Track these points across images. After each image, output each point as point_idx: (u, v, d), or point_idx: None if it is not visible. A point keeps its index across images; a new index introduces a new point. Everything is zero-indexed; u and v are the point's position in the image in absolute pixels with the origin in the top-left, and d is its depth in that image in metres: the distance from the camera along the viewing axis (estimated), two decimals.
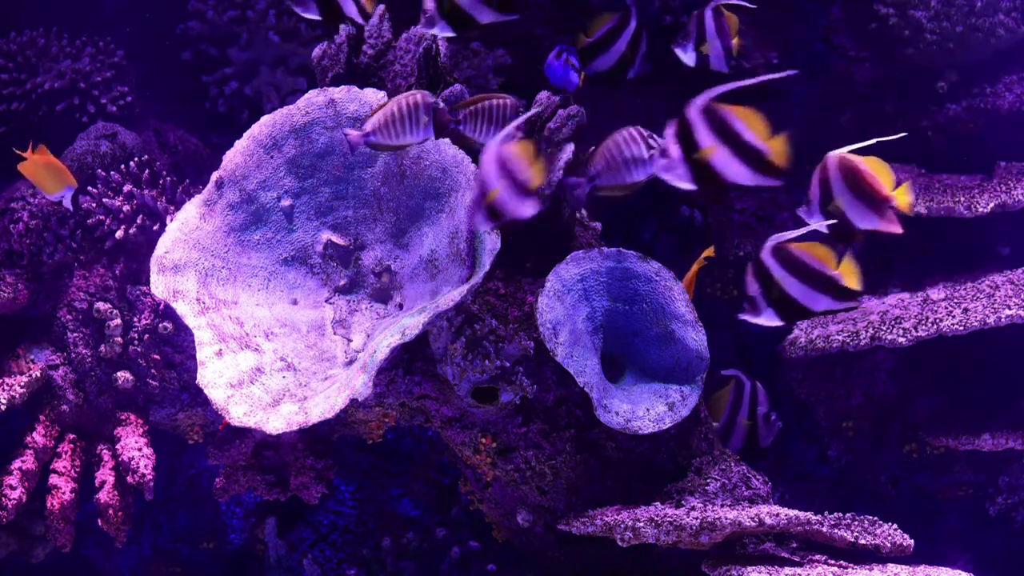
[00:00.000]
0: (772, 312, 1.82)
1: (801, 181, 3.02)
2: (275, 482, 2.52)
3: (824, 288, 1.80)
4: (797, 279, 1.80)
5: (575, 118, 2.31)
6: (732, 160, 1.72)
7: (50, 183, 2.34)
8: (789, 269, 1.80)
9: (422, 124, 1.98)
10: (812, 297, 1.80)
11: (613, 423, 2.23)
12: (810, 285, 1.80)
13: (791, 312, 1.82)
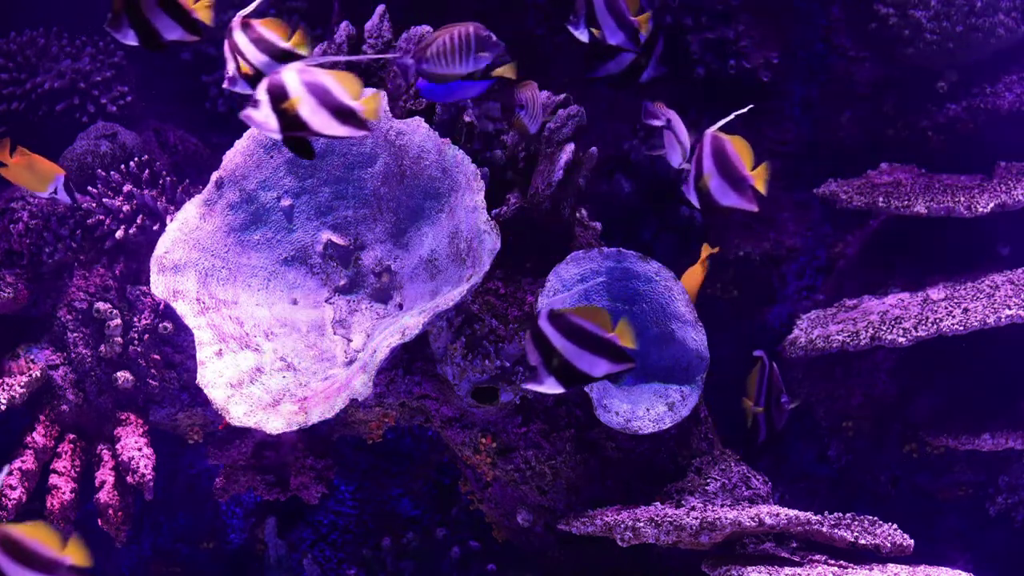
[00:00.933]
0: (553, 380, 1.83)
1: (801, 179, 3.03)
2: (275, 482, 2.52)
3: (602, 352, 1.83)
4: (575, 345, 1.82)
5: (575, 118, 2.31)
6: None
7: (37, 181, 2.33)
8: (567, 336, 1.82)
9: (473, 55, 2.00)
10: (591, 362, 1.83)
11: (613, 423, 2.23)
12: (588, 350, 1.83)
13: (572, 378, 1.84)
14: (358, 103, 1.78)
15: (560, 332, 1.83)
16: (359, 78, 1.81)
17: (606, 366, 1.85)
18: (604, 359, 1.84)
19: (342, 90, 1.78)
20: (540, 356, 1.83)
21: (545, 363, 1.83)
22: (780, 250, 2.98)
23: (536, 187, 2.29)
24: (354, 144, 2.35)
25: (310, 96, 1.76)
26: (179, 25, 1.91)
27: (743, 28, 2.89)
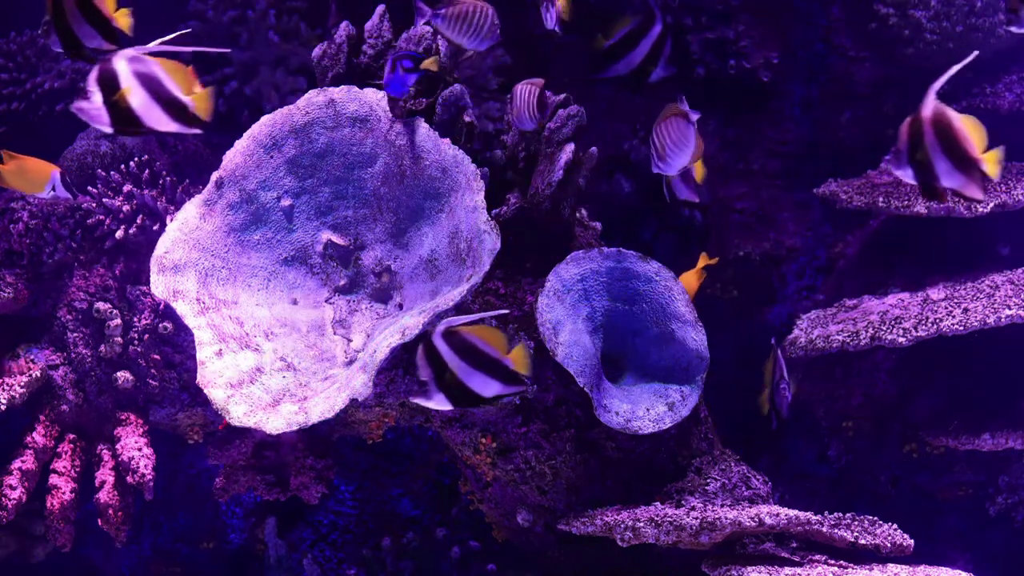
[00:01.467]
0: (443, 397, 1.82)
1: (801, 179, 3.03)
2: (275, 482, 2.52)
3: (494, 373, 1.81)
4: (468, 364, 1.81)
5: (575, 118, 2.31)
6: None
7: (32, 183, 2.31)
8: (460, 354, 1.81)
9: (483, 33, 2.03)
10: (483, 383, 1.81)
11: (613, 423, 2.23)
12: (481, 371, 1.81)
13: (462, 398, 1.83)
14: (189, 98, 1.71)
15: (454, 350, 1.81)
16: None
17: (497, 387, 1.83)
18: (496, 381, 1.82)
19: (174, 83, 1.71)
20: (432, 372, 1.81)
21: (437, 380, 1.81)
22: (780, 250, 2.98)
23: (536, 187, 2.29)
24: (354, 144, 2.35)
25: (141, 88, 1.69)
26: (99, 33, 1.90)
27: (743, 28, 2.89)
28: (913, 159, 1.83)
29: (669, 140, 2.07)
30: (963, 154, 1.79)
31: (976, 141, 1.80)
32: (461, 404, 1.85)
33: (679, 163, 2.12)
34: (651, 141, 2.10)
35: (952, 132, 1.80)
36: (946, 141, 1.80)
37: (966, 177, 1.81)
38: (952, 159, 1.81)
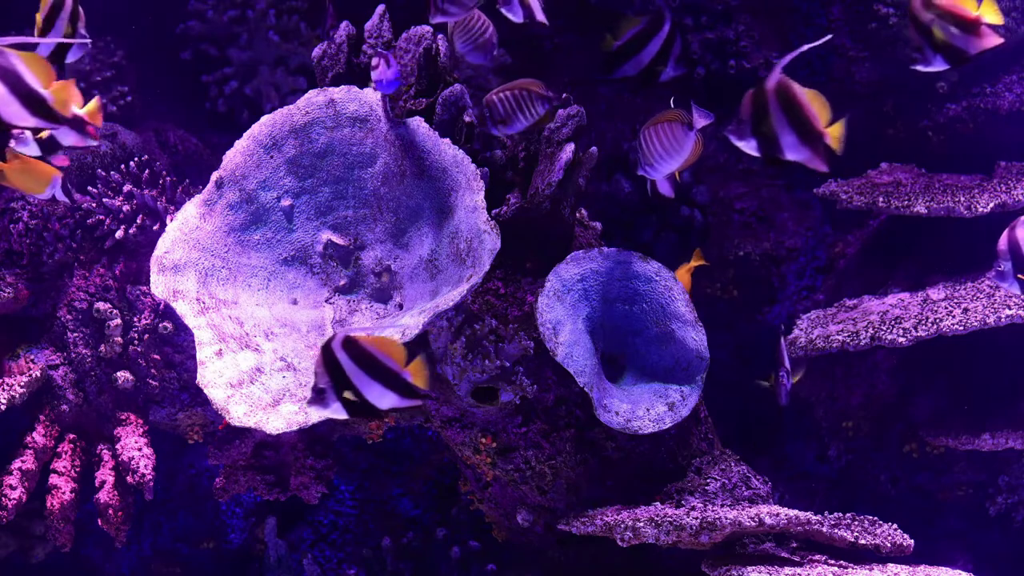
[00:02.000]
0: (339, 406, 1.81)
1: (801, 179, 3.03)
2: (275, 482, 2.52)
3: (392, 385, 1.80)
4: (367, 375, 1.79)
5: (575, 118, 2.31)
6: None
7: (34, 183, 2.31)
8: (359, 364, 1.79)
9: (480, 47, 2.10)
10: (380, 394, 1.80)
11: (613, 423, 2.23)
12: (379, 381, 1.80)
13: (358, 407, 1.82)
14: (48, 92, 1.66)
15: (353, 359, 1.79)
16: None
17: (394, 399, 1.81)
18: (393, 392, 1.80)
19: (33, 76, 1.65)
20: (330, 380, 1.80)
21: (335, 388, 1.80)
22: (780, 250, 2.98)
23: (536, 187, 2.29)
24: (354, 144, 2.35)
25: None
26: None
27: (743, 28, 2.89)
28: (758, 131, 1.82)
29: (660, 145, 2.06)
30: (808, 127, 1.80)
31: (820, 114, 1.81)
32: (357, 415, 1.84)
33: (667, 169, 2.11)
34: (640, 143, 2.09)
35: (797, 105, 1.80)
36: (791, 113, 1.80)
37: (811, 150, 1.80)
38: (797, 132, 1.81)
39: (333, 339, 1.77)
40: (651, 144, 2.06)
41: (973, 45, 1.84)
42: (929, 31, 1.85)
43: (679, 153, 2.08)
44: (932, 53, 1.86)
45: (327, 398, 1.79)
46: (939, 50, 1.87)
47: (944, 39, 1.85)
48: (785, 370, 2.37)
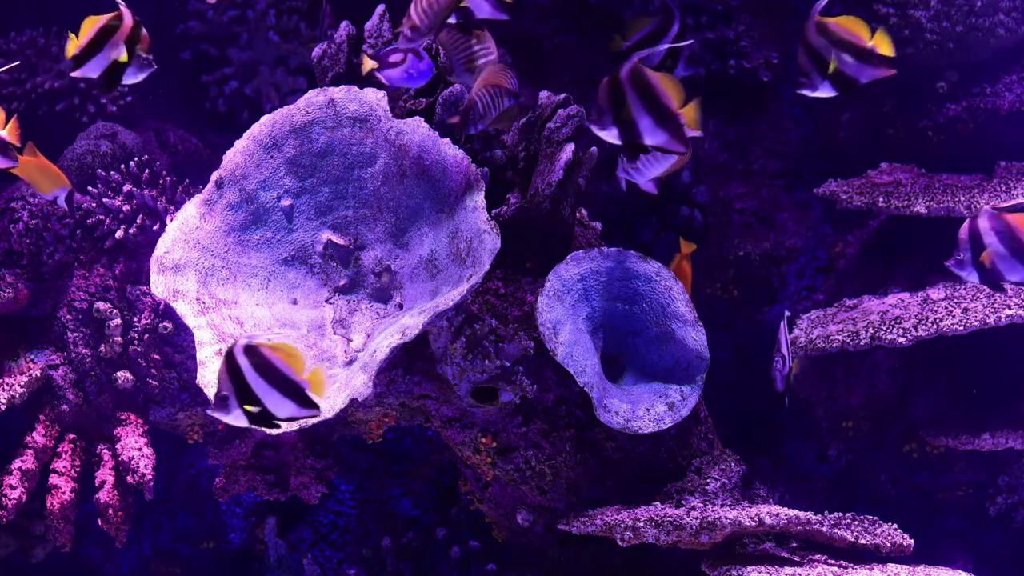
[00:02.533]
0: (240, 412, 1.83)
1: (801, 179, 3.03)
2: (275, 482, 2.52)
3: (290, 395, 1.82)
4: (267, 383, 1.81)
5: (575, 118, 2.31)
6: None
7: (44, 183, 2.33)
8: (260, 372, 1.81)
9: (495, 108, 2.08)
10: (278, 403, 1.82)
11: (613, 423, 2.23)
12: (279, 390, 1.82)
13: (258, 415, 1.83)
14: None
15: (254, 367, 1.81)
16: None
17: (292, 409, 1.83)
18: (292, 402, 1.82)
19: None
20: (232, 387, 1.81)
21: (237, 395, 1.81)
22: (780, 250, 2.98)
23: (536, 187, 2.29)
24: (354, 144, 2.35)
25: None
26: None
27: (743, 28, 2.89)
28: (618, 120, 1.84)
29: None
30: (664, 110, 1.82)
31: (674, 96, 1.83)
32: (256, 423, 1.84)
33: (652, 173, 2.11)
34: None
35: (651, 89, 1.82)
36: (646, 98, 1.82)
37: (668, 132, 1.83)
38: (653, 115, 1.83)
39: (235, 346, 1.78)
40: None
41: (866, 74, 1.88)
42: (821, 57, 1.88)
43: (666, 158, 2.08)
44: (820, 79, 1.89)
45: (229, 406, 1.80)
46: (829, 77, 1.88)
47: (837, 67, 1.87)
48: (781, 355, 2.33)
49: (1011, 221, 1.92)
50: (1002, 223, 1.91)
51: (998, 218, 1.92)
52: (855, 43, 1.89)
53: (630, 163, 2.10)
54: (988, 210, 1.95)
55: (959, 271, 1.96)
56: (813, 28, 1.89)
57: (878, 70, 1.92)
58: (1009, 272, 1.93)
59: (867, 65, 1.91)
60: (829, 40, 1.89)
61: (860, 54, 1.89)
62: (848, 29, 1.88)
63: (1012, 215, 1.93)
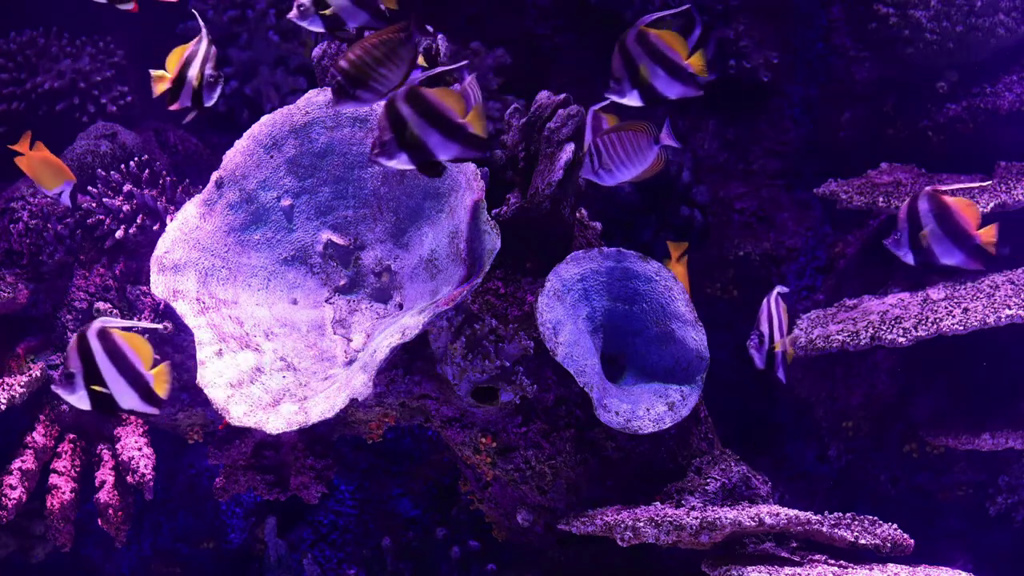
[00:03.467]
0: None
1: (801, 179, 3.03)
2: (275, 482, 2.52)
3: (136, 385, 1.86)
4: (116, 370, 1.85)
5: (575, 118, 2.31)
6: None
7: (48, 179, 2.34)
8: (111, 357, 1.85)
9: None
10: (123, 391, 1.85)
11: (613, 423, 2.23)
12: (125, 379, 1.85)
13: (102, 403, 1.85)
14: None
15: (106, 352, 1.83)
16: None
17: (135, 401, 1.85)
18: (136, 393, 1.84)
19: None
20: (81, 367, 1.82)
21: (85, 375, 1.83)
22: (780, 250, 2.98)
23: (536, 187, 2.29)
24: (354, 144, 2.35)
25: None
26: None
27: (743, 28, 2.89)
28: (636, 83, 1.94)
29: (622, 151, 2.06)
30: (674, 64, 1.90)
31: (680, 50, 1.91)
32: (98, 407, 1.85)
33: (623, 177, 2.11)
34: (596, 144, 2.08)
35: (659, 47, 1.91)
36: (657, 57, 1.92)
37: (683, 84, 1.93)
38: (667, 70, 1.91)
39: (89, 328, 1.79)
40: (611, 149, 2.06)
41: (674, 90, 1.91)
42: (635, 66, 1.90)
43: (639, 164, 2.08)
44: (630, 87, 1.93)
45: (75, 384, 1.81)
46: (638, 86, 1.90)
47: (648, 78, 1.90)
48: (759, 332, 2.24)
49: (950, 203, 1.92)
50: (941, 205, 1.92)
51: (937, 200, 1.92)
52: (670, 58, 1.92)
53: (600, 165, 2.10)
54: (928, 191, 1.95)
55: (896, 250, 1.98)
56: (633, 35, 1.91)
57: (688, 88, 1.95)
58: (944, 255, 1.94)
59: (677, 81, 1.94)
60: (646, 50, 1.90)
61: (673, 70, 1.91)
62: (667, 43, 1.91)
63: (952, 198, 1.93)
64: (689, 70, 1.91)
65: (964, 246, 1.99)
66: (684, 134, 2.95)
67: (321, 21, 1.98)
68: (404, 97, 1.78)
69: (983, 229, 1.99)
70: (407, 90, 1.78)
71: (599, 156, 2.07)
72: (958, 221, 1.96)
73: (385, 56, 1.83)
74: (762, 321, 2.20)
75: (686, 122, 2.97)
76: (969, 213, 1.99)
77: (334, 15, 1.97)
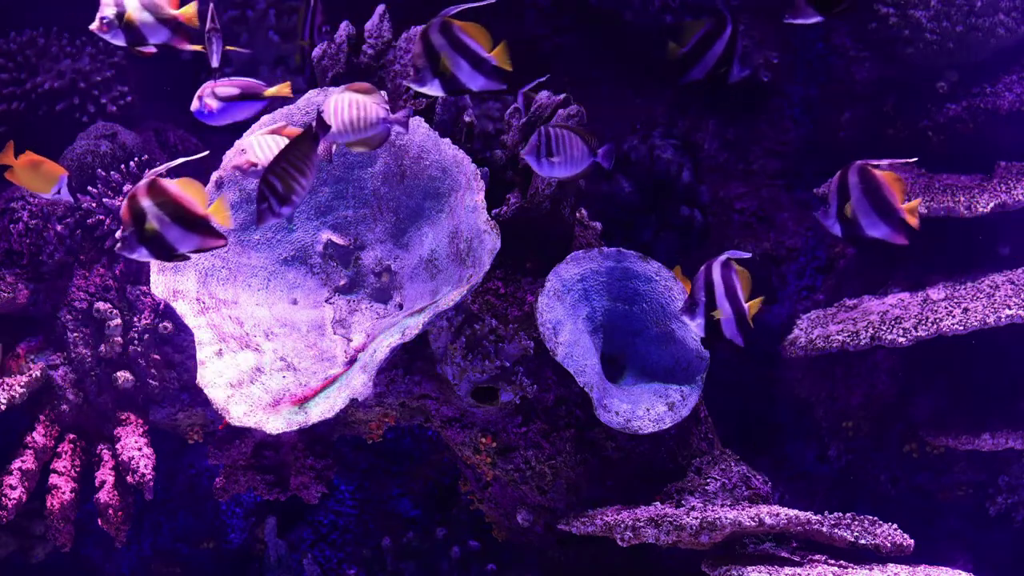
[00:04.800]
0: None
1: (801, 179, 3.03)
2: (275, 482, 2.52)
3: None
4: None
5: (575, 118, 2.31)
6: None
7: (41, 182, 2.32)
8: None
9: None
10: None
11: (613, 423, 2.23)
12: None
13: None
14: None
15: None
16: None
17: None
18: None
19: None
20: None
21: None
22: (780, 250, 2.98)
23: (536, 187, 2.29)
24: None
25: None
26: None
27: (743, 28, 2.89)
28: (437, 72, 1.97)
29: (567, 149, 2.08)
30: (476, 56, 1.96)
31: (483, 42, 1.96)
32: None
33: (556, 173, 2.12)
34: (548, 133, 2.08)
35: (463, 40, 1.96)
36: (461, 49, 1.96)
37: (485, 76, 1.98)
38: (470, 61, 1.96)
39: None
40: (561, 145, 2.07)
41: (477, 82, 1.95)
42: (437, 56, 1.94)
43: (576, 167, 2.10)
44: (431, 77, 1.96)
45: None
46: (439, 75, 1.95)
47: (450, 69, 1.95)
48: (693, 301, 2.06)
49: (877, 177, 1.93)
50: (868, 178, 1.93)
51: (866, 173, 1.94)
52: (474, 51, 1.94)
53: (546, 157, 2.10)
54: (858, 164, 1.96)
55: (824, 220, 1.98)
56: (436, 26, 1.94)
57: (491, 81, 1.97)
58: (869, 228, 1.95)
59: (480, 74, 1.97)
60: (448, 41, 1.94)
61: (476, 62, 1.94)
62: (470, 35, 1.95)
63: (881, 172, 1.94)
64: (492, 63, 1.95)
65: (889, 219, 2.00)
66: (684, 134, 2.95)
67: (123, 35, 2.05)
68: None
69: (907, 203, 2.00)
70: (149, 183, 1.83)
71: (547, 145, 2.08)
72: (884, 195, 1.97)
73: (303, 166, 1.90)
74: (697, 289, 2.08)
75: (686, 122, 2.97)
76: (895, 187, 2.00)
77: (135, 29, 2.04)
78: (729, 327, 2.06)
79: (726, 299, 2.07)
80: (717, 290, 2.07)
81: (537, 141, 2.09)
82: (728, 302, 2.07)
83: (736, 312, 2.07)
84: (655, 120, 2.95)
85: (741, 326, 2.08)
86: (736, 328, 2.07)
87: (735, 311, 2.07)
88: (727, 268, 2.10)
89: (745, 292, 2.11)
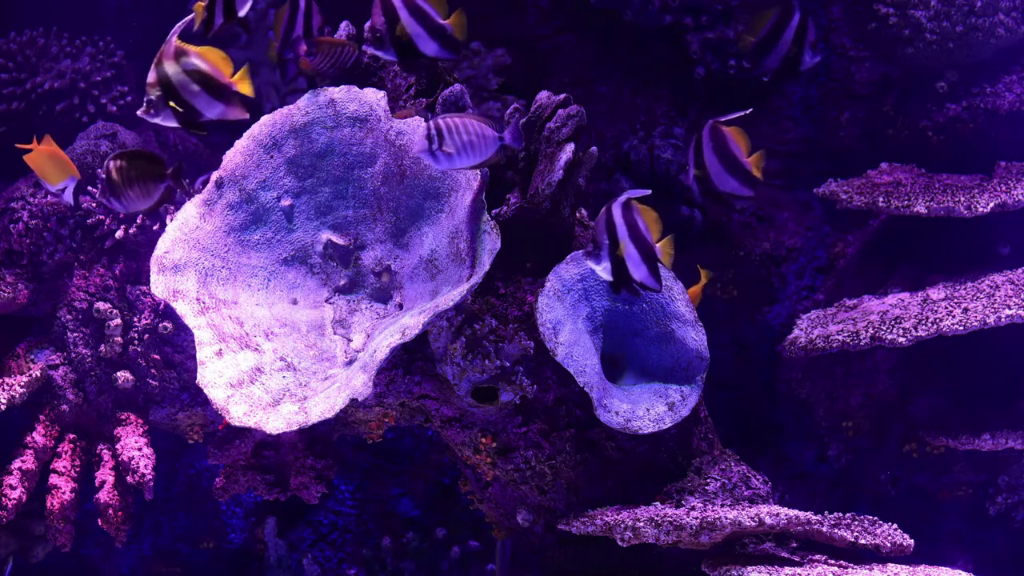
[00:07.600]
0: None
1: (801, 179, 3.03)
2: (275, 482, 2.52)
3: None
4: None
5: (575, 118, 2.31)
6: None
7: (54, 174, 2.33)
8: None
9: None
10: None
11: (613, 423, 2.23)
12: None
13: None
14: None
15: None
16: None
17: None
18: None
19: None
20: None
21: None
22: (780, 250, 2.98)
23: (536, 187, 2.29)
24: (354, 144, 2.35)
25: None
26: None
27: (743, 28, 2.89)
28: None
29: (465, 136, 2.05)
30: None
31: None
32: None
33: (459, 164, 2.08)
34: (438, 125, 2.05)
35: None
36: None
37: None
38: None
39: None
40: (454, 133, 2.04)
41: (429, 48, 1.96)
42: (395, 21, 2.02)
43: (480, 154, 2.07)
44: (388, 43, 2.04)
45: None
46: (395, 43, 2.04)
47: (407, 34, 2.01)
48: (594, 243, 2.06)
49: (724, 132, 1.97)
50: (718, 135, 1.96)
51: (716, 130, 1.96)
52: (431, 17, 1.97)
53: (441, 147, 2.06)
54: (710, 123, 1.99)
55: (686, 182, 2.01)
56: (170, 50, 1.94)
57: (444, 50, 2.04)
58: (721, 183, 1.98)
59: (434, 40, 2.03)
60: (406, 6, 2.00)
61: (432, 29, 1.97)
62: (429, 1, 1.96)
63: (726, 128, 1.97)
64: (448, 31, 1.98)
65: (736, 173, 2.02)
66: (684, 134, 2.95)
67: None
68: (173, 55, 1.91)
69: (752, 156, 2.03)
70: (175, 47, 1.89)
71: (440, 138, 2.04)
72: (731, 151, 1.99)
73: None
74: (599, 232, 2.03)
75: (686, 122, 2.97)
76: (740, 141, 2.04)
77: None
78: (637, 268, 1.99)
79: (629, 238, 1.99)
80: (619, 230, 2.00)
81: (427, 133, 2.02)
82: (632, 241, 1.99)
83: (642, 250, 1.98)
84: (655, 120, 2.96)
85: (650, 265, 2.00)
86: (647, 269, 1.99)
87: (640, 250, 1.99)
88: (628, 208, 2.01)
89: (654, 233, 2.02)
